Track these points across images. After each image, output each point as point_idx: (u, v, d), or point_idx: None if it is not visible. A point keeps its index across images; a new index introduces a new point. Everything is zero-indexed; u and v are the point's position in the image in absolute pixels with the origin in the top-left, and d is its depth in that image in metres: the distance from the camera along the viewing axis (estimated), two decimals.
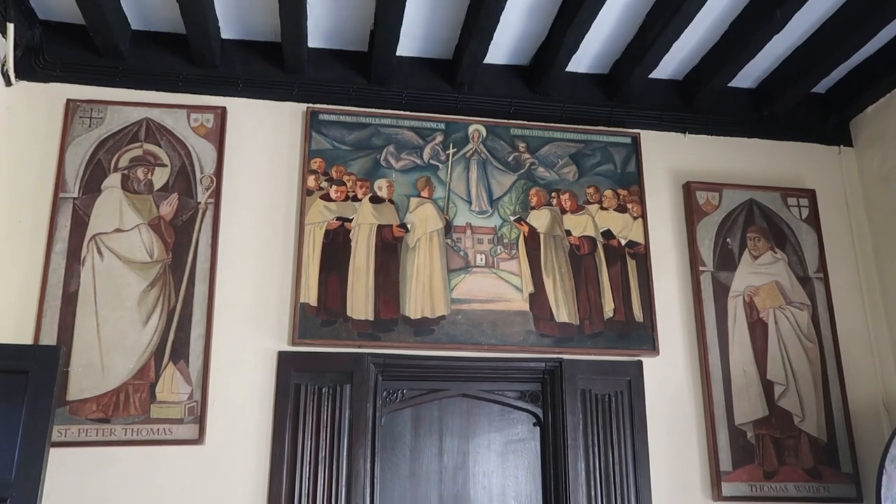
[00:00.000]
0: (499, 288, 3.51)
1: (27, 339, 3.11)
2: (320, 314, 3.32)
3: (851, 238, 3.89)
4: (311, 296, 3.33)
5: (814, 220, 3.84)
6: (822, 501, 3.40)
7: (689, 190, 3.80)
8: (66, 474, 2.98)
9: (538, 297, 3.52)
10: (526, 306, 3.49)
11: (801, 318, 3.67)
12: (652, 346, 3.51)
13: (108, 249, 3.31)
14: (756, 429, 3.46)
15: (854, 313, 3.75)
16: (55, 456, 2.89)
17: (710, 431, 3.43)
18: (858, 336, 3.72)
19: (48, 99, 3.41)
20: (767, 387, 3.54)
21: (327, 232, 3.45)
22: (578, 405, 3.39)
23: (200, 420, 3.14)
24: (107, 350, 3.17)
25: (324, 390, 3.25)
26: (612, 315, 3.53)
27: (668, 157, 3.88)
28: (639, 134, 3.84)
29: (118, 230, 3.33)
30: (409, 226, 3.53)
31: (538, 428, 3.50)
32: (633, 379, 3.46)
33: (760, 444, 3.44)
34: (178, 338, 3.23)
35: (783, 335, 3.63)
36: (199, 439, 3.11)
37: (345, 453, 3.18)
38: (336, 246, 3.43)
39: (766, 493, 3.37)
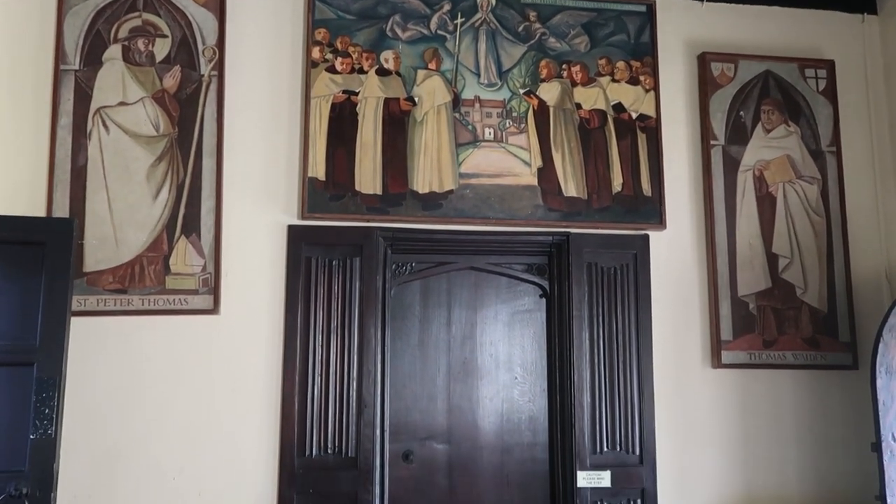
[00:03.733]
0: (507, 162, 3.49)
1: (40, 213, 3.15)
2: (329, 188, 3.33)
3: (868, 111, 3.82)
4: (319, 170, 3.33)
5: (830, 93, 3.76)
6: (818, 369, 3.52)
7: (703, 61, 3.70)
8: (88, 342, 3.10)
9: (546, 172, 3.50)
10: (534, 181, 3.48)
11: (811, 192, 3.66)
12: (659, 220, 3.52)
13: (114, 123, 3.29)
14: (758, 300, 3.53)
15: (864, 187, 3.74)
16: (76, 324, 2.99)
17: (713, 303, 3.51)
18: (867, 209, 3.72)
19: None
20: (772, 259, 3.58)
21: (334, 105, 3.40)
22: (584, 278, 3.45)
23: (215, 291, 3.22)
24: (119, 223, 3.21)
25: (334, 263, 3.31)
26: (620, 189, 3.53)
27: (683, 26, 3.75)
28: (654, 2, 3.70)
29: (122, 103, 3.30)
30: (416, 99, 3.47)
31: (544, 299, 3.58)
32: (639, 252, 3.50)
33: (762, 315, 3.52)
34: (189, 212, 3.26)
35: (791, 209, 3.63)
36: (214, 309, 3.20)
37: (356, 323, 3.27)
38: (343, 120, 3.40)
39: (765, 360, 3.49)
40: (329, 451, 3.17)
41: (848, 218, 3.67)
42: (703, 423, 3.45)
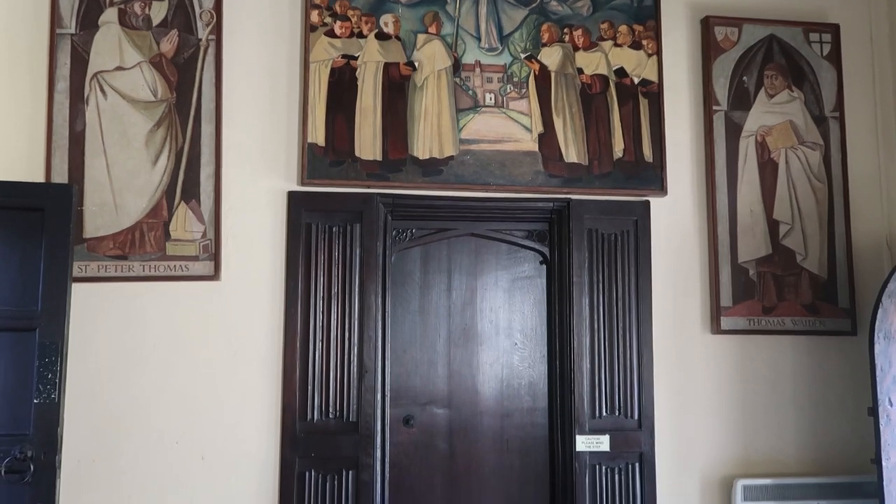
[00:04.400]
0: (508, 128, 3.47)
1: (39, 179, 3.14)
2: (328, 154, 3.31)
3: (872, 76, 3.78)
4: (318, 136, 3.31)
5: (835, 58, 3.72)
6: (817, 335, 3.54)
7: (707, 25, 3.65)
8: (90, 308, 3.11)
9: (547, 138, 3.48)
10: (535, 146, 3.47)
11: (813, 159, 3.64)
12: (660, 187, 3.51)
13: (112, 88, 3.26)
14: (758, 266, 3.54)
15: (867, 153, 3.72)
16: (77, 290, 3.01)
17: (713, 269, 3.51)
18: (869, 176, 3.70)
19: None
20: (773, 226, 3.57)
21: (333, 70, 3.37)
22: (585, 244, 3.45)
23: (215, 257, 3.22)
24: (118, 189, 3.21)
25: (334, 229, 3.31)
26: (621, 155, 3.51)
27: None
28: None
29: (119, 68, 3.27)
30: (416, 64, 3.43)
31: (544, 266, 3.58)
32: (640, 218, 3.49)
33: (762, 281, 3.53)
34: (188, 178, 3.25)
35: (793, 175, 3.62)
36: (214, 275, 3.21)
37: (357, 289, 3.28)
38: (342, 85, 3.37)
39: (764, 326, 3.50)
40: (330, 416, 3.20)
41: (850, 184, 3.65)
42: (702, 388, 3.48)
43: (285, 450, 3.15)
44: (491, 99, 3.49)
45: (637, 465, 3.33)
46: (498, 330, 3.53)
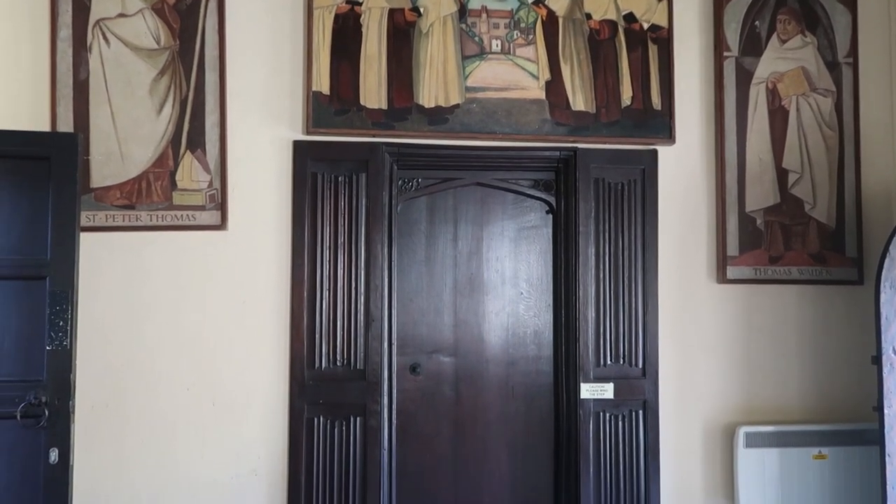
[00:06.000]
0: (514, 75, 3.42)
1: (44, 128, 3.13)
2: (333, 103, 3.29)
3: (889, 21, 3.68)
4: (323, 84, 3.28)
5: (850, 1, 3.62)
6: (823, 284, 3.54)
7: None
8: (98, 257, 3.14)
9: (555, 85, 3.44)
10: (542, 94, 3.42)
11: (825, 106, 3.58)
12: (668, 135, 3.47)
13: (115, 36, 3.23)
14: (766, 215, 3.52)
15: (880, 99, 3.65)
16: (86, 240, 3.03)
17: (721, 218, 3.49)
18: (881, 123, 3.64)
19: None
20: (782, 175, 3.54)
21: (337, 16, 3.32)
22: (591, 193, 3.43)
23: (222, 207, 3.23)
24: (124, 139, 3.20)
25: (340, 179, 3.31)
26: (629, 103, 3.46)
27: None
28: None
29: (122, 15, 3.24)
30: (421, 9, 3.38)
31: (551, 215, 3.57)
32: (647, 167, 3.47)
33: (769, 231, 3.51)
34: (193, 127, 3.24)
35: (804, 123, 3.57)
36: (221, 225, 3.22)
37: (363, 239, 3.29)
38: (346, 32, 3.32)
39: (770, 276, 3.50)
40: (338, 364, 3.24)
41: (861, 132, 3.60)
42: (707, 337, 3.50)
43: (294, 397, 3.21)
44: (497, 45, 3.44)
45: (641, 412, 3.38)
46: (504, 279, 3.55)
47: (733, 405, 3.49)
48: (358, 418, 3.23)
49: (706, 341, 3.50)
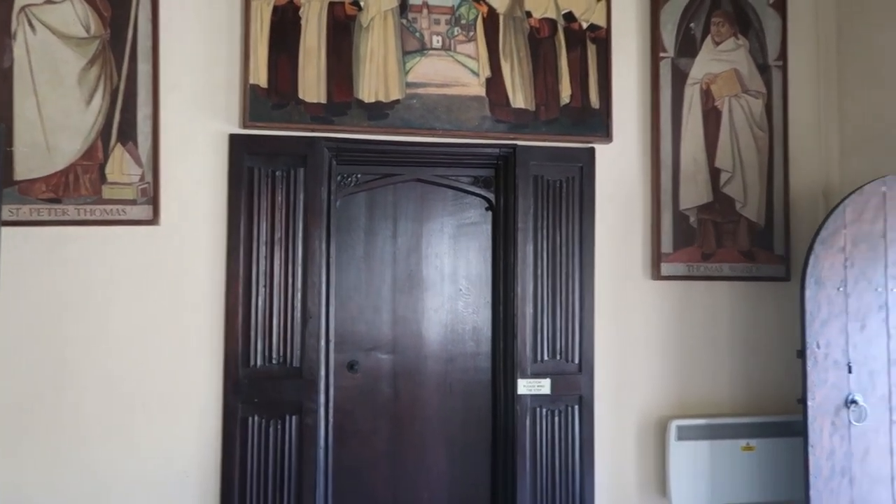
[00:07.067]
0: (455, 72, 3.42)
1: None
2: (271, 97, 3.23)
3: (816, 25, 3.80)
4: (260, 77, 3.23)
5: (780, 5, 3.73)
6: (753, 280, 3.64)
7: None
8: (22, 253, 3.03)
9: (495, 82, 3.45)
10: (482, 91, 3.43)
11: (756, 107, 3.68)
12: (606, 134, 3.52)
13: (41, 23, 3.12)
14: (699, 214, 3.60)
15: (807, 102, 3.77)
16: (8, 235, 2.92)
17: (655, 216, 3.56)
18: (809, 125, 3.76)
19: None
20: (714, 174, 3.63)
21: (275, 8, 3.26)
22: (530, 190, 3.45)
23: (154, 201, 3.15)
24: (51, 130, 3.09)
25: (277, 173, 3.26)
26: (568, 101, 3.50)
27: None
28: None
29: (49, 2, 3.14)
30: (361, 3, 3.34)
31: (490, 212, 3.59)
32: (585, 165, 3.51)
33: (702, 228, 3.60)
34: (125, 118, 3.15)
35: (736, 124, 3.66)
36: (153, 220, 3.14)
37: (300, 235, 3.25)
38: (285, 24, 3.27)
39: (702, 272, 3.58)
40: (274, 362, 3.20)
41: (790, 134, 3.71)
42: (642, 332, 3.57)
43: (228, 395, 3.15)
44: (438, 41, 3.43)
45: (577, 407, 3.42)
46: (443, 276, 3.55)
47: (666, 399, 3.57)
48: (294, 417, 3.19)
49: (641, 337, 3.56)
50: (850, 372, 3.05)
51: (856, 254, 3.09)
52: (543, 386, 3.39)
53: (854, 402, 3.03)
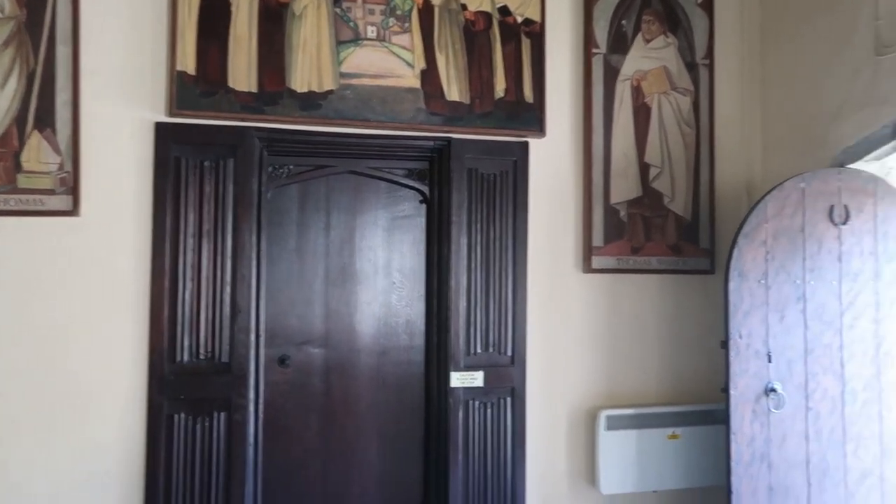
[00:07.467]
0: (389, 63, 3.39)
1: None
2: (199, 84, 3.14)
3: (741, 24, 3.91)
4: (188, 64, 3.13)
5: (707, 4, 3.82)
6: (679, 273, 3.73)
7: None
8: None
9: (430, 74, 3.43)
10: (417, 83, 3.41)
11: (684, 104, 3.77)
12: (539, 128, 3.55)
13: None
14: (629, 208, 3.67)
15: (733, 100, 3.88)
16: None
17: (587, 210, 3.61)
18: (733, 122, 3.87)
19: None
20: (644, 169, 3.70)
21: None
22: (465, 184, 3.46)
23: (74, 191, 3.03)
24: None
25: (206, 164, 3.17)
26: (502, 95, 3.51)
27: None
28: None
29: None
30: None
31: (424, 205, 3.58)
32: (519, 159, 3.53)
33: (631, 222, 3.67)
34: (42, 104, 3.01)
35: (665, 120, 3.74)
36: (73, 210, 3.02)
37: (230, 227, 3.18)
38: (214, 10, 3.18)
39: (631, 265, 3.66)
40: (201, 357, 3.12)
41: (716, 131, 3.81)
42: (573, 325, 3.62)
43: (153, 392, 3.06)
44: (373, 32, 3.39)
45: (509, 399, 3.45)
46: (377, 269, 3.53)
47: (596, 390, 3.63)
48: (222, 413, 3.12)
49: (572, 329, 3.62)
50: (769, 361, 3.16)
51: (776, 247, 3.20)
52: (476, 378, 3.41)
53: (773, 390, 3.15)
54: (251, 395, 3.20)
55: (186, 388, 3.09)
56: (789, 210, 3.20)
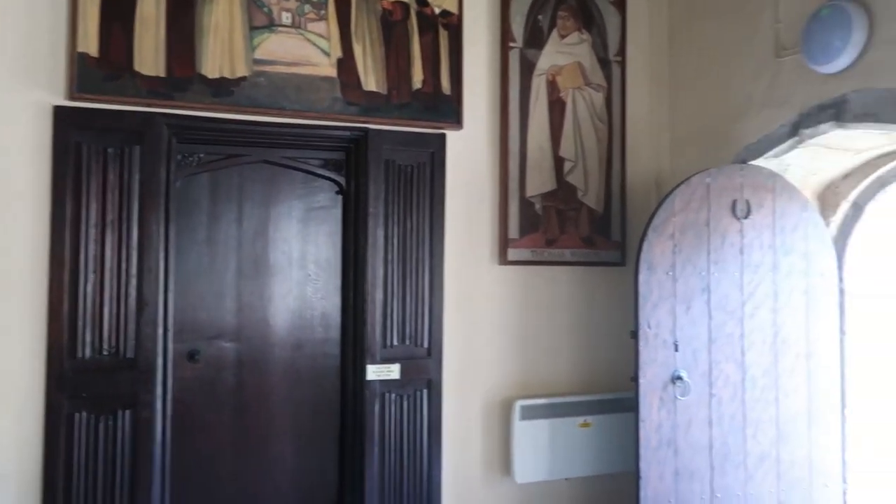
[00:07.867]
0: (305, 50, 3.32)
1: None
2: (103, 67, 3.00)
3: (651, 23, 4.02)
4: (90, 45, 2.98)
5: (620, 2, 3.92)
6: (592, 265, 3.83)
7: None
8: None
9: (346, 64, 3.38)
10: (333, 72, 3.35)
11: (597, 100, 3.85)
12: (457, 120, 3.55)
13: None
14: (544, 201, 3.73)
15: (643, 96, 3.99)
16: None
17: (503, 203, 3.65)
18: (644, 118, 3.99)
19: None
20: (558, 163, 3.76)
21: None
22: (381, 175, 3.43)
23: None
24: None
25: (110, 151, 3.03)
26: (420, 86, 3.49)
27: None
28: None
29: None
30: None
31: (340, 196, 3.54)
32: (436, 151, 3.53)
33: (546, 215, 3.73)
34: None
35: (579, 115, 3.81)
36: None
37: (136, 217, 3.05)
38: None
39: (546, 257, 3.72)
40: (105, 353, 2.98)
41: (627, 126, 3.92)
42: (489, 316, 3.65)
43: (51, 391, 2.91)
44: (288, 18, 3.31)
45: (425, 391, 3.45)
46: (291, 261, 3.46)
47: (511, 381, 3.68)
48: (128, 411, 2.99)
49: (488, 321, 3.65)
50: (676, 350, 3.28)
51: (683, 241, 3.31)
52: (393, 371, 3.39)
53: (679, 378, 3.26)
54: (159, 391, 3.08)
55: (88, 385, 2.95)
56: (695, 204, 3.32)
